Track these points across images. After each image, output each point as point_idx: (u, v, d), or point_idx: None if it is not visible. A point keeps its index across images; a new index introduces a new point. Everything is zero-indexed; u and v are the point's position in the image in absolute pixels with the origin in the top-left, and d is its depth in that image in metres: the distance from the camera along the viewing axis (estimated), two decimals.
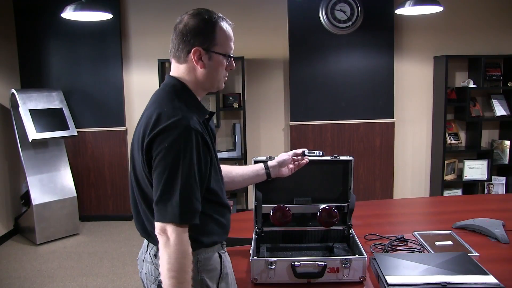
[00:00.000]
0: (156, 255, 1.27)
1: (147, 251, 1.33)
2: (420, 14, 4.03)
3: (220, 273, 1.30)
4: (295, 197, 1.77)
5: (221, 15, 1.29)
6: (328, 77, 4.61)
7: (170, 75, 1.32)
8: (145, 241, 1.36)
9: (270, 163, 1.66)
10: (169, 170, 1.14)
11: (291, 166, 1.69)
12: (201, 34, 1.25)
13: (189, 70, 1.28)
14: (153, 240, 1.27)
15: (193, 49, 1.25)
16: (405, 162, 4.84)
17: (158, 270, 1.23)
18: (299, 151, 1.69)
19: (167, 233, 1.13)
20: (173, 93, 1.26)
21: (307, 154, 1.69)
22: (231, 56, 1.31)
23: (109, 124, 4.75)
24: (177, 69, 1.31)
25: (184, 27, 1.26)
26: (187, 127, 1.15)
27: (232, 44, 1.31)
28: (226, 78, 1.35)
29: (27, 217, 4.21)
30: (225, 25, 1.28)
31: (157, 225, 1.15)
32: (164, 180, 1.14)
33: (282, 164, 1.67)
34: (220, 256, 1.32)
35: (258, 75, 4.73)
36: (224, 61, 1.29)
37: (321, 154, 1.71)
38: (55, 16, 4.25)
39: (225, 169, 1.59)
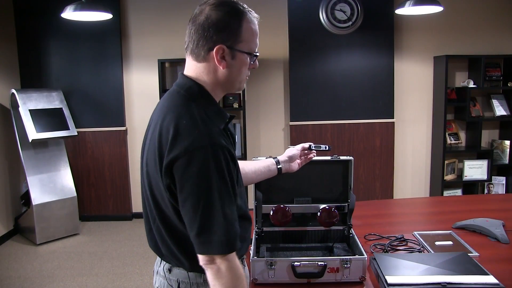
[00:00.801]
0: (170, 270, 1.20)
1: (160, 264, 1.25)
2: (420, 14, 4.03)
3: None
4: (295, 197, 1.76)
5: (246, 6, 1.15)
6: (328, 77, 4.61)
7: (185, 75, 1.17)
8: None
9: (280, 158, 1.63)
10: (205, 199, 1.03)
11: (299, 160, 1.67)
12: (225, 30, 1.09)
13: (209, 69, 1.14)
14: (166, 258, 1.21)
15: (216, 47, 1.10)
16: (405, 162, 4.84)
17: (171, 286, 1.20)
18: (306, 145, 1.67)
19: (217, 264, 1.05)
20: (190, 98, 1.11)
21: (313, 148, 1.68)
22: (257, 55, 1.17)
23: (109, 124, 4.75)
24: (194, 68, 1.16)
25: (206, 20, 1.09)
26: (214, 145, 1.03)
27: (257, 40, 1.17)
28: (247, 78, 1.22)
29: (27, 217, 4.21)
30: (252, 19, 1.14)
31: (203, 257, 1.06)
32: (201, 210, 1.03)
33: (291, 158, 1.64)
34: None
35: (258, 75, 4.72)
36: (249, 59, 1.15)
37: (327, 148, 1.70)
38: (55, 16, 4.25)
39: None
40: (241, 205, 1.19)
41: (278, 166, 1.62)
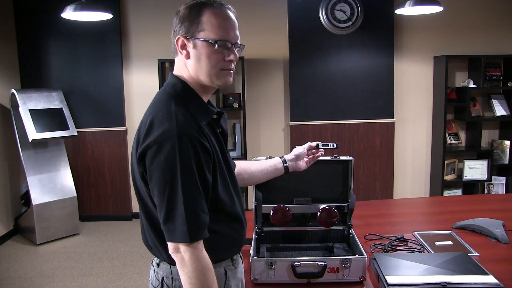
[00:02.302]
0: (158, 264, 1.24)
1: (154, 257, 1.29)
2: (420, 14, 4.03)
3: None
4: (295, 197, 1.76)
5: (214, 2, 1.16)
6: (328, 77, 4.61)
7: (171, 74, 1.23)
8: None
9: (287, 157, 1.63)
10: (170, 187, 1.06)
11: (306, 159, 1.65)
12: (186, 21, 1.15)
13: (181, 63, 1.20)
14: (154, 252, 1.24)
15: (176, 37, 1.17)
16: (405, 162, 4.84)
17: (157, 280, 1.23)
18: (313, 144, 1.65)
19: (181, 253, 1.08)
20: (173, 94, 1.16)
21: (321, 146, 1.66)
22: (225, 42, 1.14)
23: (109, 124, 4.75)
24: (175, 65, 1.23)
25: (175, 17, 1.19)
26: (181, 135, 1.06)
27: (230, 32, 1.15)
28: (231, 72, 1.20)
29: (27, 217, 4.21)
30: (218, 10, 1.14)
31: (169, 245, 1.10)
32: (166, 198, 1.07)
33: (298, 157, 1.63)
34: (226, 273, 1.24)
35: (258, 75, 4.72)
36: (212, 48, 1.13)
37: (335, 146, 1.68)
38: (55, 16, 4.26)
39: (243, 165, 1.58)
40: (224, 200, 1.19)
41: (285, 165, 1.61)
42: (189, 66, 1.18)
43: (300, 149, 1.64)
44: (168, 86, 1.20)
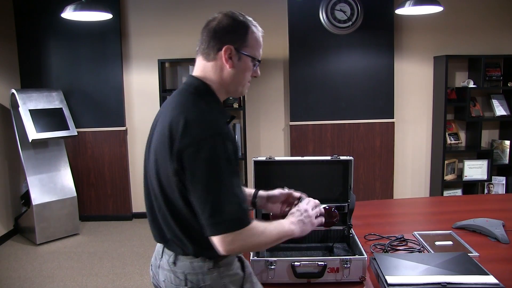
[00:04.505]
0: (175, 262, 1.25)
1: (162, 257, 1.30)
2: (420, 14, 4.03)
3: (244, 276, 1.30)
4: None
5: (252, 19, 1.29)
6: (328, 77, 4.61)
7: (193, 76, 1.29)
8: (159, 246, 1.32)
9: (259, 193, 1.55)
10: (216, 182, 1.13)
11: (279, 205, 1.54)
12: (234, 33, 1.24)
13: (216, 68, 1.26)
14: (170, 246, 1.26)
15: (225, 46, 1.23)
16: (405, 162, 4.84)
17: (178, 278, 1.24)
18: (296, 194, 1.53)
19: (236, 243, 1.14)
20: (198, 95, 1.23)
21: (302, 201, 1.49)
22: (259, 62, 1.30)
23: (109, 124, 4.75)
24: (203, 67, 1.28)
25: (218, 24, 1.24)
26: (218, 134, 1.14)
27: (261, 51, 1.30)
28: (249, 84, 1.34)
29: (27, 217, 4.21)
30: (256, 30, 1.28)
31: (218, 238, 1.13)
32: (213, 193, 1.12)
33: (271, 199, 1.54)
34: (241, 259, 1.32)
35: None
36: (252, 65, 1.28)
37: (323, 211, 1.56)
38: (55, 16, 4.25)
39: None
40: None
41: (253, 200, 1.54)
42: (226, 73, 1.26)
43: (276, 193, 1.54)
44: (191, 87, 1.26)
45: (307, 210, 1.38)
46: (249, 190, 1.56)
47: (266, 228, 1.22)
